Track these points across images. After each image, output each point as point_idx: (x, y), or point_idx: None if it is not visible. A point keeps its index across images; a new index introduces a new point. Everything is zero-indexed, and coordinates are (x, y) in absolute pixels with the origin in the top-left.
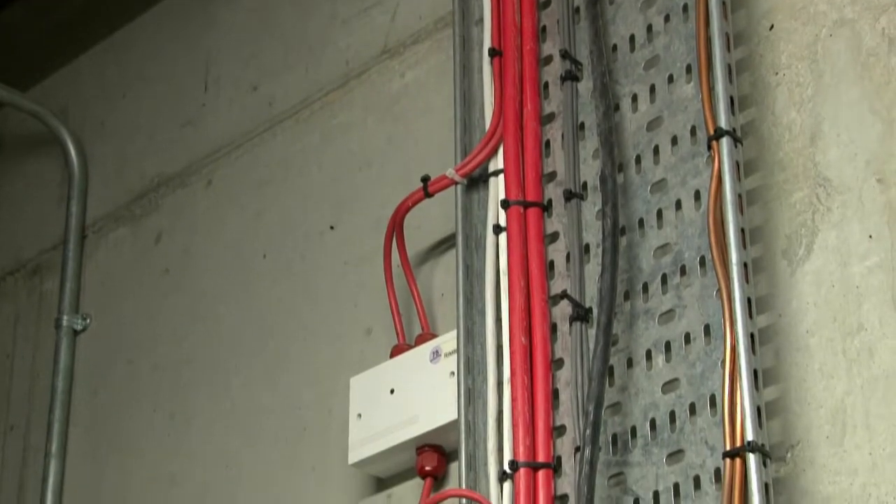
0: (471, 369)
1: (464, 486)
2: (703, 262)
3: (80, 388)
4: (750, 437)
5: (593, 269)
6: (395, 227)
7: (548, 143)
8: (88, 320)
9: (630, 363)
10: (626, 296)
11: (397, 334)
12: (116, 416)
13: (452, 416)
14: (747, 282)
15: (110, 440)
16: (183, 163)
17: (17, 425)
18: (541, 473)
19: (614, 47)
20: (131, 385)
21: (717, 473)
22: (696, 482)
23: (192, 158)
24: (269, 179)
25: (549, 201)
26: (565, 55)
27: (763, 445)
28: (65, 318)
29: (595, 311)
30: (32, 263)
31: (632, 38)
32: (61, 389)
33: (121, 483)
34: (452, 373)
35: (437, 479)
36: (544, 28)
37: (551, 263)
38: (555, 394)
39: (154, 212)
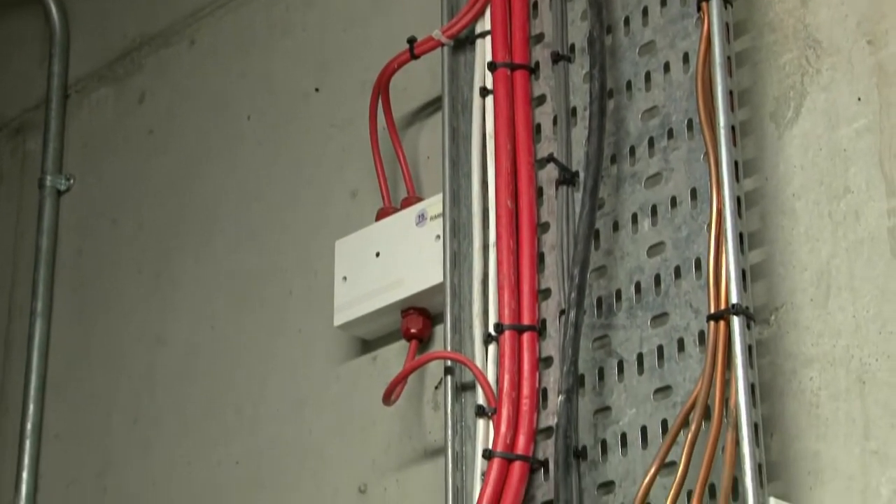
0: (456, 233)
1: (449, 349)
2: (690, 125)
3: (65, 248)
4: (734, 299)
5: (580, 132)
6: (381, 90)
7: (535, 5)
8: (72, 181)
9: (616, 227)
10: (613, 159)
11: (383, 197)
12: (101, 276)
13: (438, 279)
14: (734, 145)
15: (96, 300)
16: (165, 22)
17: (2, 284)
18: (525, 336)
19: None
20: (116, 246)
21: (702, 336)
22: (681, 345)
23: (175, 17)
24: (253, 40)
25: (537, 64)
26: None
27: (747, 308)
28: (48, 178)
29: (581, 174)
30: (16, 122)
31: None
32: (45, 249)
33: (107, 343)
34: (438, 236)
35: (423, 341)
36: None
37: (538, 126)
38: (540, 257)
39: (137, 72)
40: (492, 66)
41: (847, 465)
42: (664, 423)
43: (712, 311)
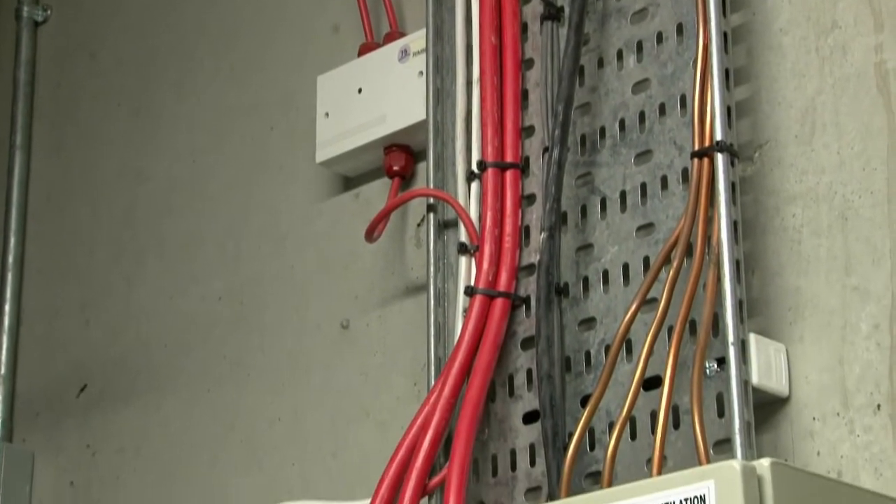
0: (440, 69)
1: (431, 186)
2: None
3: (43, 81)
4: (719, 136)
5: None
6: None
7: None
8: (49, 11)
9: (601, 63)
10: None
11: (365, 32)
12: (80, 110)
13: (421, 115)
14: None
15: (75, 134)
16: None
17: None
18: (508, 173)
19: None
20: (95, 79)
21: (685, 173)
22: (664, 182)
23: None
24: None
25: None
26: None
27: (731, 145)
28: (25, 8)
29: (567, 9)
30: None
31: None
32: (24, 81)
33: (87, 177)
34: (421, 72)
35: (405, 178)
36: None
37: None
38: (524, 94)
39: None
40: None
41: (827, 300)
42: (646, 261)
43: (696, 148)
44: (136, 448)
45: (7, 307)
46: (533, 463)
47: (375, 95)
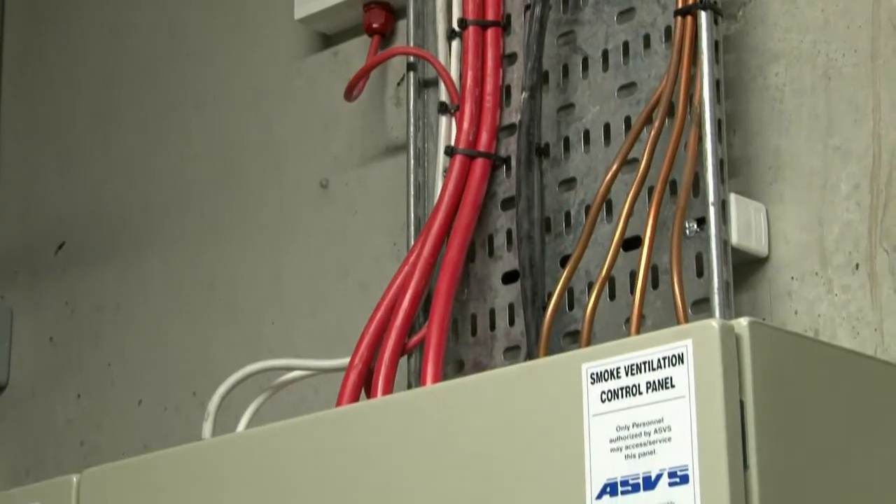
0: None
1: (411, 44)
2: None
3: None
4: None
5: None
6: None
7: None
8: None
9: None
10: None
11: None
12: None
13: None
14: None
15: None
16: None
17: None
18: (490, 32)
19: None
20: None
21: (668, 32)
22: (647, 41)
23: None
24: None
25: None
26: None
27: (715, 2)
28: None
29: None
30: None
31: None
32: None
33: (63, 35)
34: None
35: (385, 36)
36: None
37: None
38: None
39: None
40: None
41: (809, 160)
42: (627, 121)
43: (680, 5)
44: (114, 305)
45: None
46: (512, 322)
47: None
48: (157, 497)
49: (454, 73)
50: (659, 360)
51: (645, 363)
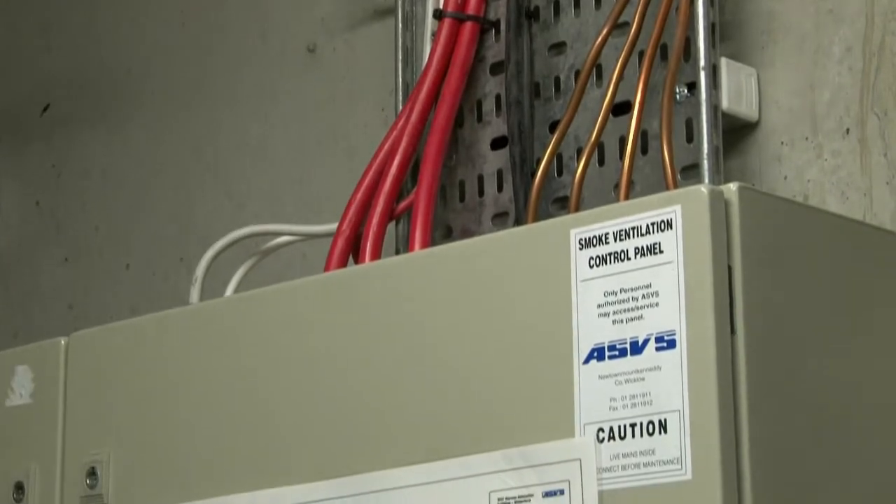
0: None
1: None
2: None
3: None
4: None
5: None
6: None
7: None
8: None
9: None
10: None
11: None
12: None
13: None
14: None
15: None
16: None
17: None
18: None
19: None
20: None
21: None
22: None
23: None
24: None
25: None
26: None
27: None
28: None
29: None
30: None
31: None
32: None
33: None
34: None
35: None
36: None
37: None
38: None
39: None
40: None
41: (801, 24)
42: None
43: None
44: (101, 170)
45: None
46: (500, 188)
47: None
48: (144, 360)
49: None
50: (647, 226)
51: (633, 229)
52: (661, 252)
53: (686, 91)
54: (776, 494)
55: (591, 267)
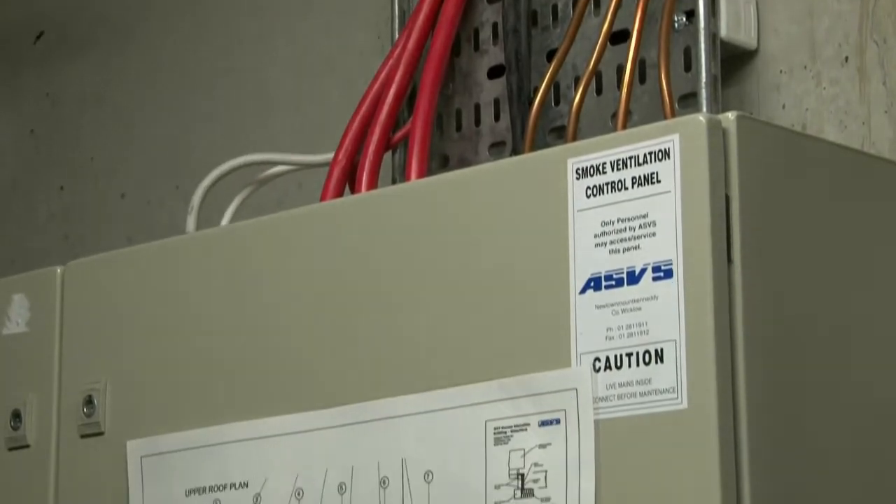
0: None
1: None
2: None
3: None
4: None
5: None
6: None
7: None
8: None
9: None
10: None
11: None
12: None
13: None
14: None
15: None
16: None
17: None
18: None
19: None
20: None
21: None
22: None
23: None
24: None
25: None
26: None
27: None
28: None
29: None
30: None
31: None
32: None
33: None
34: None
35: None
36: None
37: None
38: None
39: None
40: None
41: None
42: None
43: None
44: (96, 97)
45: None
46: (497, 118)
47: None
48: (141, 289)
49: None
50: (645, 155)
51: (631, 158)
52: (658, 182)
53: (684, 19)
54: (772, 422)
55: (587, 196)
